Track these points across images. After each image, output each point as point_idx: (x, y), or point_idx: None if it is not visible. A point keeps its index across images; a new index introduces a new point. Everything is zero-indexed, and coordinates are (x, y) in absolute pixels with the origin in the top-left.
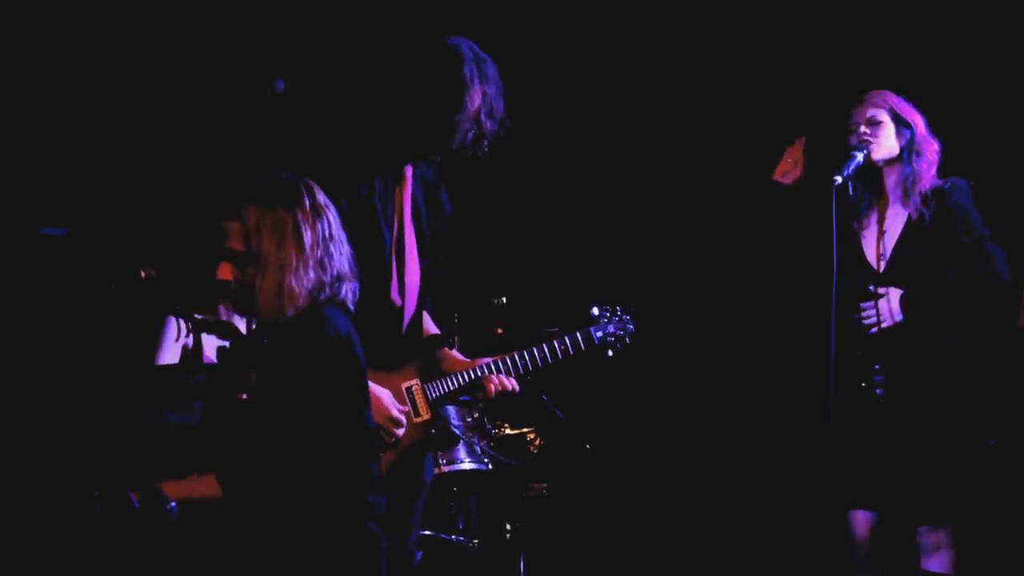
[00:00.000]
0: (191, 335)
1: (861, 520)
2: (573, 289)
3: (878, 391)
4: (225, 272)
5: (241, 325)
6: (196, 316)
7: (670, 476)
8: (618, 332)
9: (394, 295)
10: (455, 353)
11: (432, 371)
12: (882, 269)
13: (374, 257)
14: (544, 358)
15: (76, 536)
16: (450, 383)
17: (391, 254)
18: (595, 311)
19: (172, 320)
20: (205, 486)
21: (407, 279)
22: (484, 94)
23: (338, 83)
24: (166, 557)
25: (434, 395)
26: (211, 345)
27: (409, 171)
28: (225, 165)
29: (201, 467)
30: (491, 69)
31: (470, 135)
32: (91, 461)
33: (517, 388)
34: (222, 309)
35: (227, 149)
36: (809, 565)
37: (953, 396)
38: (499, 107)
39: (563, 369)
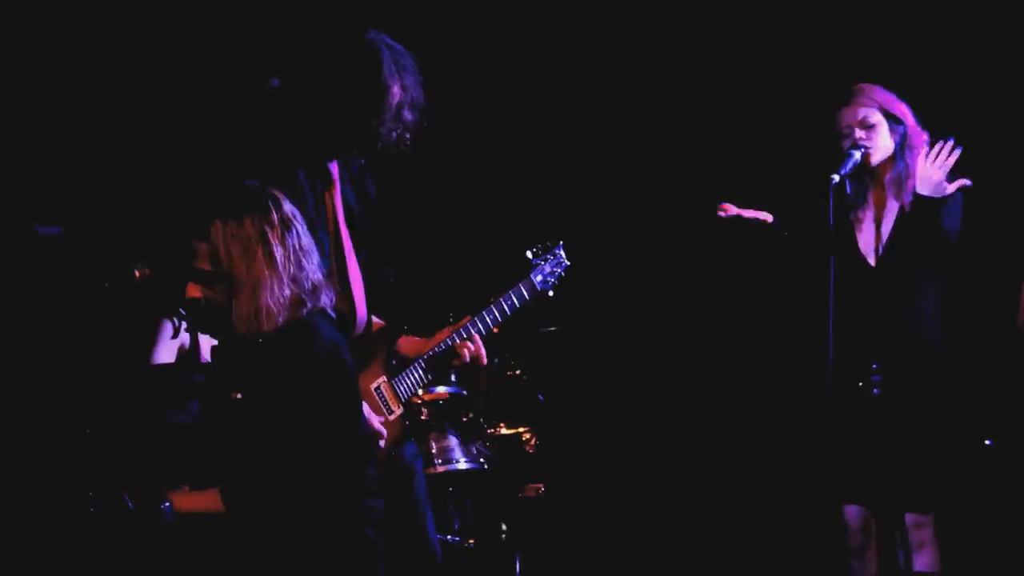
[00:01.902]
0: (188, 333)
1: (854, 511)
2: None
3: (875, 390)
4: (193, 290)
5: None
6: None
7: (666, 475)
8: (554, 269)
9: (340, 303)
10: (411, 337)
11: (394, 362)
12: (874, 264)
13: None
14: (495, 319)
15: (70, 536)
16: (414, 372)
17: (332, 262)
18: (529, 254)
19: (168, 320)
20: (207, 500)
21: (352, 284)
22: (404, 88)
23: (260, 89)
24: (163, 564)
25: (402, 388)
26: (206, 344)
27: (335, 170)
28: (217, 166)
29: (196, 471)
30: (407, 60)
31: (394, 134)
32: (85, 461)
33: (484, 355)
34: None
35: (220, 149)
36: (804, 556)
37: (946, 388)
38: (419, 96)
39: (561, 367)
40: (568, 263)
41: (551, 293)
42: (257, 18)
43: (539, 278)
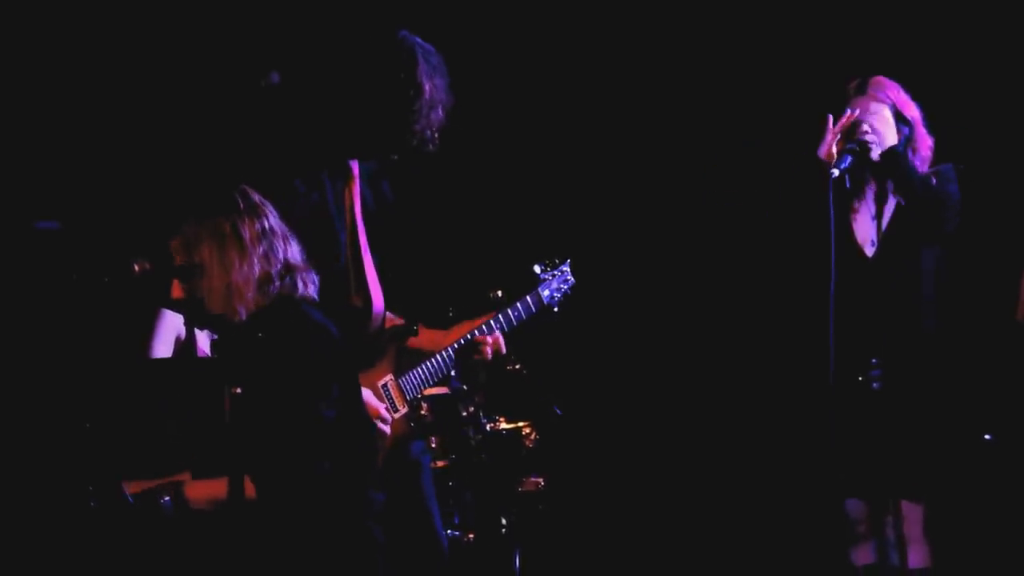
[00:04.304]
0: (184, 328)
1: (855, 502)
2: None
3: (875, 384)
4: (177, 290)
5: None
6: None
7: (666, 469)
8: (561, 286)
9: (354, 297)
10: (430, 330)
11: (404, 361)
12: (871, 255)
13: (332, 262)
14: (501, 328)
15: (70, 531)
16: (422, 372)
17: (348, 257)
18: (537, 269)
19: (166, 312)
20: (218, 488)
21: (368, 279)
22: (435, 88)
23: (289, 84)
24: (162, 555)
25: (408, 386)
26: (205, 339)
27: (356, 167)
28: (216, 160)
29: (196, 463)
30: (437, 60)
31: (428, 132)
32: (85, 455)
33: (504, 347)
34: None
35: (219, 143)
36: (805, 548)
37: (942, 379)
38: (447, 97)
39: (560, 365)
40: (574, 281)
41: (556, 309)
42: (279, 15)
43: (546, 292)
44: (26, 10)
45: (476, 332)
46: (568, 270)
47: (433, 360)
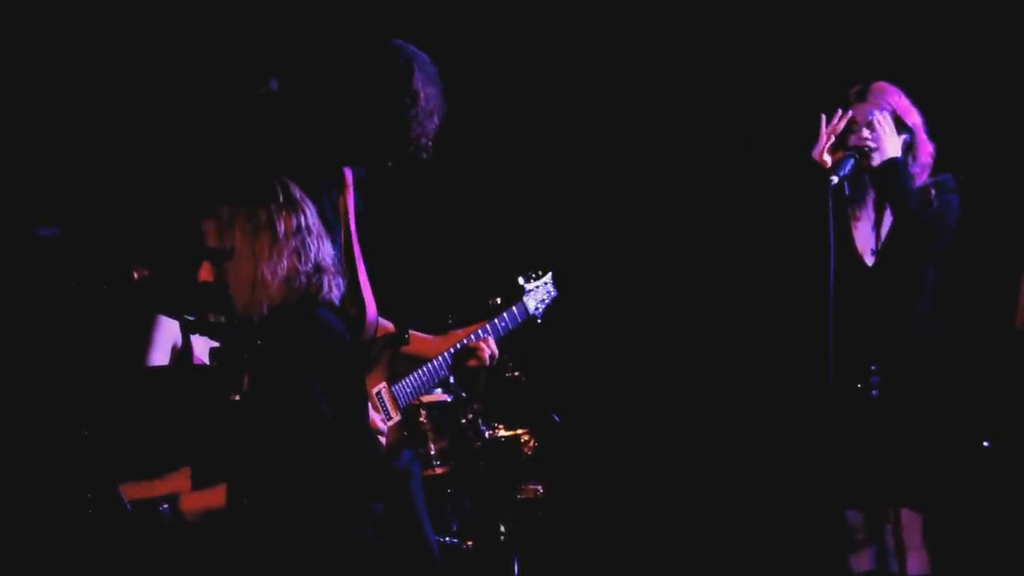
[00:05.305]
0: (181, 334)
1: (854, 511)
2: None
3: (874, 391)
4: (206, 273)
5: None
6: (187, 317)
7: (665, 476)
8: (544, 297)
9: (348, 305)
10: (426, 336)
11: (397, 369)
12: (871, 264)
13: None
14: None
15: (68, 537)
16: (415, 379)
17: (343, 264)
18: (521, 280)
19: (163, 320)
20: (213, 497)
21: (362, 286)
22: (430, 96)
23: (289, 91)
24: (162, 564)
25: (403, 394)
26: (203, 347)
27: (350, 176)
28: (216, 166)
29: (193, 471)
30: (431, 68)
31: (423, 140)
32: (83, 462)
33: (496, 353)
34: None
35: (218, 150)
36: (804, 555)
37: (940, 388)
38: (440, 105)
39: (558, 372)
40: (556, 293)
41: (540, 320)
42: (277, 20)
43: (531, 303)
44: (28, 15)
45: (471, 337)
46: (551, 281)
47: (426, 367)
